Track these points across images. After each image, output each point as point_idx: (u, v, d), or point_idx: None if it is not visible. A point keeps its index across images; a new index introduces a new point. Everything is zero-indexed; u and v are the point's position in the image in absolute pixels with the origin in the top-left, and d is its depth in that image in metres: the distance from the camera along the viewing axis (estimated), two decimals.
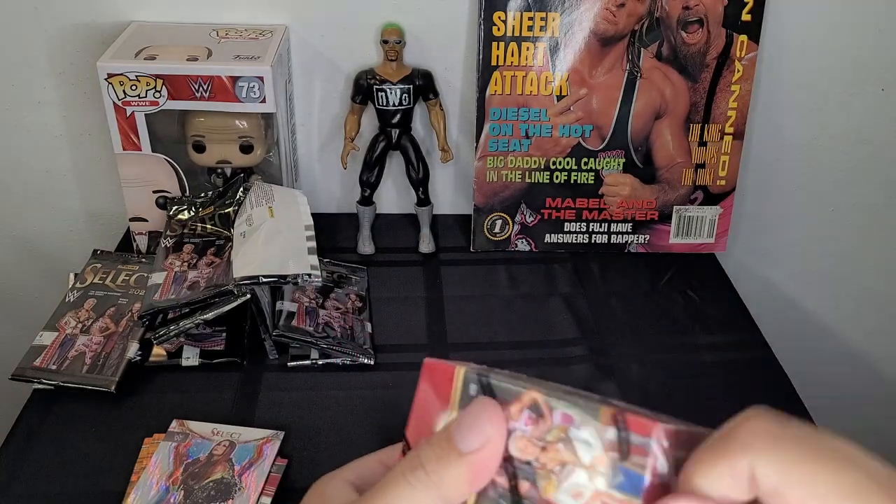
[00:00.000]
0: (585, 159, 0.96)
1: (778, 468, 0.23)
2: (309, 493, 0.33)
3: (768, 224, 1.11)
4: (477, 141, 0.96)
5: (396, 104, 0.93)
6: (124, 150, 0.87)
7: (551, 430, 0.26)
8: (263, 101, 0.84)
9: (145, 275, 0.86)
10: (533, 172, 0.97)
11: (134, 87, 0.83)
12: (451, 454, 0.26)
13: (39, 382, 0.75)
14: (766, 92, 0.99)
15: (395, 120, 0.94)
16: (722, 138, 0.96)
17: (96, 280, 0.87)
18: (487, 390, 0.27)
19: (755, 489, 0.23)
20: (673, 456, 0.25)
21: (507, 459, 0.27)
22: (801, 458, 0.23)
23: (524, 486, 0.26)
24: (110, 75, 0.82)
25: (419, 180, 0.98)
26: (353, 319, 0.85)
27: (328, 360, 0.80)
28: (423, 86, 0.94)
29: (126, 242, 0.97)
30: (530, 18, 0.91)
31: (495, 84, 0.93)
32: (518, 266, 0.98)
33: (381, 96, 0.93)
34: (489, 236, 1.00)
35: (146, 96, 0.83)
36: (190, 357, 0.79)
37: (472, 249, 1.01)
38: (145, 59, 0.83)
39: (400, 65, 0.93)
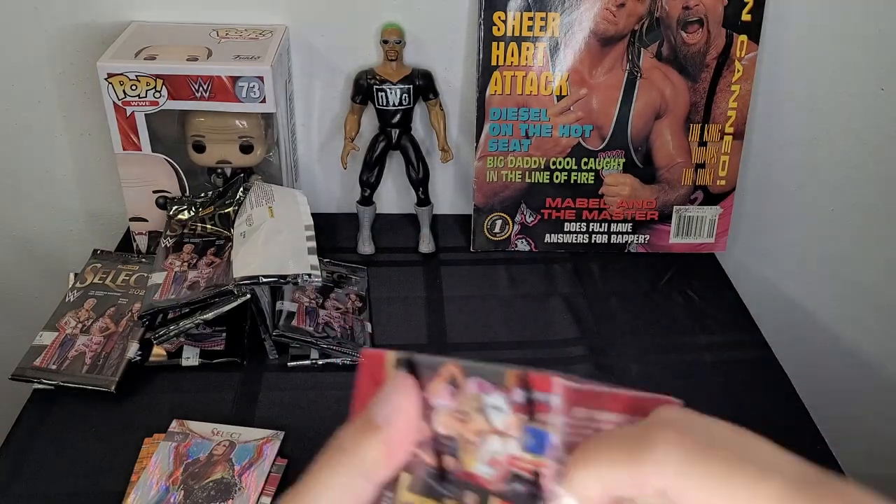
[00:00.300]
0: (585, 159, 0.96)
1: (694, 489, 0.23)
2: None
3: (768, 224, 1.11)
4: (477, 141, 0.96)
5: (396, 104, 0.93)
6: (124, 150, 0.87)
7: (469, 400, 0.26)
8: (263, 101, 0.84)
9: (145, 275, 0.86)
10: (533, 172, 0.97)
11: (134, 87, 0.83)
12: (366, 429, 0.26)
13: (39, 382, 0.75)
14: (765, 92, 0.99)
15: (395, 120, 0.94)
16: (722, 138, 0.96)
17: (96, 280, 0.86)
18: (412, 369, 0.27)
19: (657, 494, 0.23)
20: (571, 413, 0.25)
21: (435, 438, 0.27)
22: (720, 475, 0.23)
23: (449, 461, 0.27)
24: (110, 75, 0.82)
25: (419, 180, 0.98)
26: (353, 319, 0.85)
27: (328, 360, 0.80)
28: (423, 86, 0.94)
29: (126, 242, 0.97)
30: (530, 18, 0.91)
31: (495, 84, 0.93)
32: (518, 266, 0.98)
33: (381, 96, 0.93)
34: (489, 236, 1.00)
35: (146, 96, 0.83)
36: (190, 357, 0.79)
37: (472, 249, 1.01)
38: (145, 59, 0.83)
39: (400, 65, 0.93)
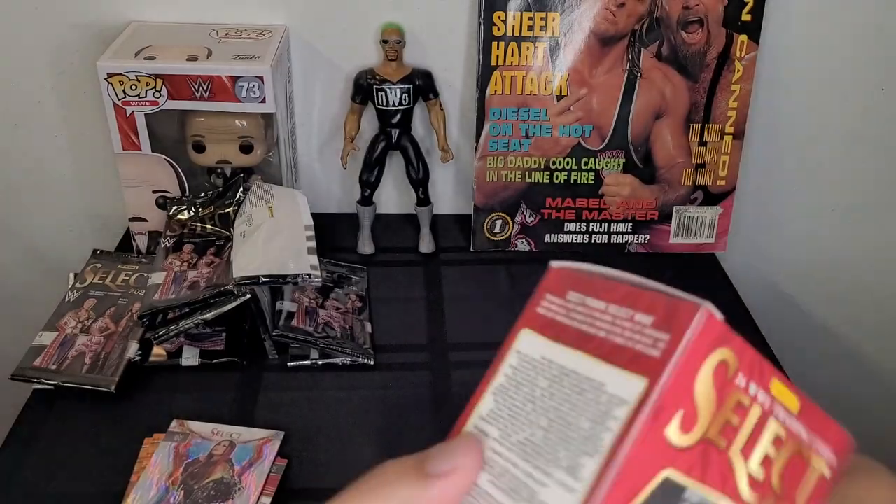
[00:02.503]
0: (585, 159, 0.96)
1: None
2: None
3: (768, 224, 1.11)
4: (477, 141, 0.96)
5: (396, 104, 0.93)
6: (124, 150, 0.87)
7: None
8: (263, 100, 0.84)
9: (145, 275, 0.86)
10: (533, 172, 0.97)
11: (134, 87, 0.83)
12: (419, 475, 0.26)
13: (39, 382, 0.75)
14: (766, 92, 0.99)
15: (395, 120, 0.94)
16: (722, 138, 0.96)
17: (96, 280, 0.86)
18: None
19: None
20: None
21: None
22: None
23: None
24: (110, 75, 0.82)
25: (419, 180, 0.98)
26: (353, 319, 0.85)
27: (328, 360, 0.80)
28: (422, 85, 0.94)
29: (126, 242, 0.97)
30: (530, 18, 0.91)
31: (495, 84, 0.93)
32: (518, 266, 0.98)
33: (381, 96, 0.93)
34: (489, 236, 1.00)
35: (146, 96, 0.83)
36: (190, 357, 0.79)
37: (472, 249, 1.00)
38: (145, 58, 0.83)
39: (400, 64, 0.93)
